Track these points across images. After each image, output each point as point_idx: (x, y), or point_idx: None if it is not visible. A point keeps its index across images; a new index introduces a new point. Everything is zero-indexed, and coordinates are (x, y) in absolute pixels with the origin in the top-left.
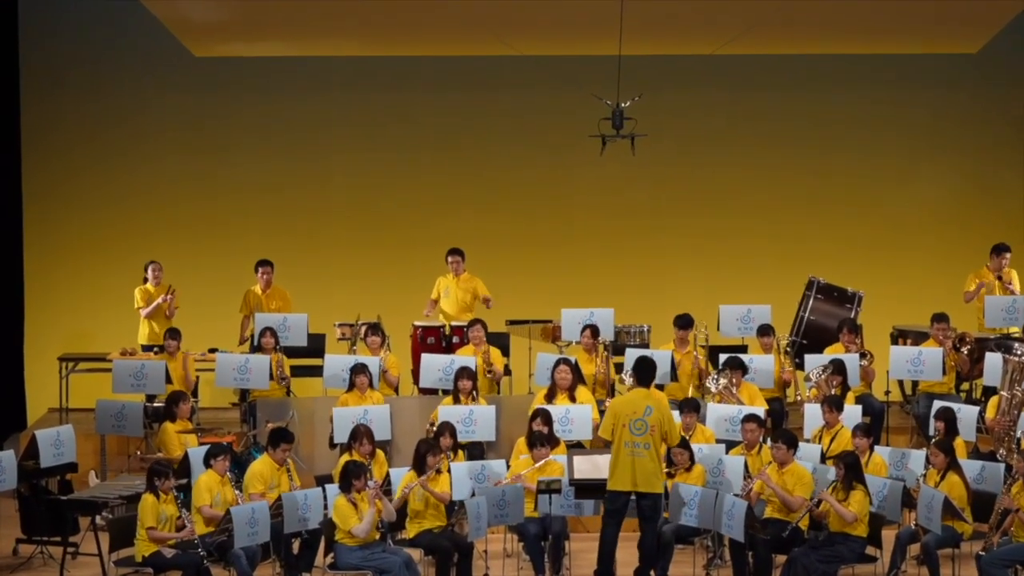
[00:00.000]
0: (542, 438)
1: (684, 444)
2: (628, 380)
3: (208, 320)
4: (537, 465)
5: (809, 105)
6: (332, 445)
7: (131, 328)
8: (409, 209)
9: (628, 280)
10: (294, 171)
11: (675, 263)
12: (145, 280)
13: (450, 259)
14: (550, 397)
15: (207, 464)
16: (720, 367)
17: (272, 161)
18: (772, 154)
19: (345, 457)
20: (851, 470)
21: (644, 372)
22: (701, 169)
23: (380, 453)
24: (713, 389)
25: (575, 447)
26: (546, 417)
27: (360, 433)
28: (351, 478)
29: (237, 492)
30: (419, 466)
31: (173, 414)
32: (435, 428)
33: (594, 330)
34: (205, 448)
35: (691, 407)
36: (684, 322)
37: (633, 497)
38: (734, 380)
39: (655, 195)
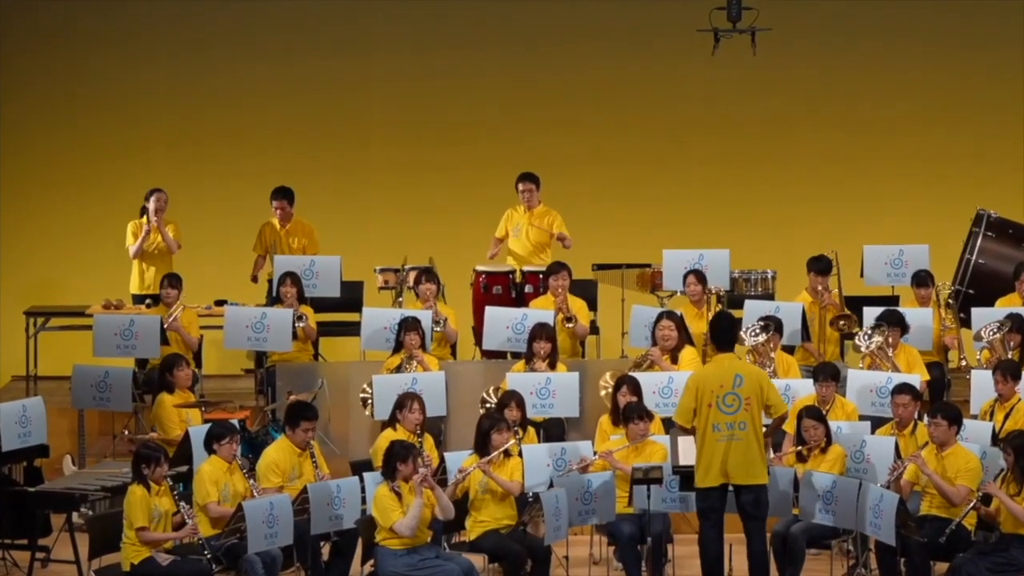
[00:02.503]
0: (638, 410)
1: (818, 416)
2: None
3: (214, 265)
4: (630, 444)
5: None
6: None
7: (118, 275)
8: (468, 123)
9: (747, 213)
10: (323, 74)
11: (807, 192)
12: (143, 213)
13: (521, 187)
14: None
15: (211, 448)
16: (875, 322)
17: (296, 62)
18: (927, 53)
19: (388, 434)
20: None
21: (723, 332)
22: (839, 73)
23: (427, 437)
24: (863, 349)
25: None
26: (634, 385)
27: (409, 399)
28: (396, 462)
29: (251, 483)
30: (482, 447)
31: (170, 383)
32: (497, 398)
33: (700, 276)
34: (210, 427)
35: (828, 374)
36: (821, 266)
37: (731, 489)
38: (891, 340)
39: (781, 107)
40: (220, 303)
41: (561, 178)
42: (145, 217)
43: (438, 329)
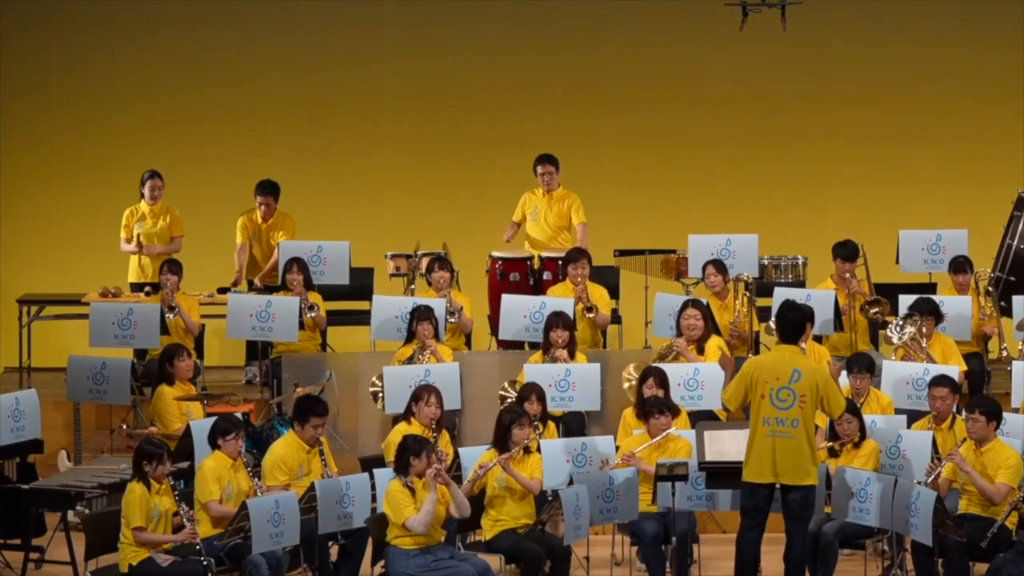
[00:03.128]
0: (659, 404)
1: (852, 409)
2: (895, 335)
3: (215, 252)
4: (655, 441)
5: None
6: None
7: (115, 261)
8: (485, 101)
9: (777, 197)
10: (329, 49)
11: (840, 173)
12: (141, 197)
13: (540, 169)
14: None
15: (215, 443)
16: (908, 311)
17: (300, 36)
18: (968, 29)
19: (402, 428)
20: None
21: (790, 323)
22: (874, 49)
23: (444, 432)
24: (895, 340)
25: (705, 418)
26: (660, 377)
27: (426, 392)
28: (409, 456)
29: (255, 481)
30: (501, 442)
31: (170, 375)
32: (516, 392)
33: (720, 266)
34: (213, 421)
35: (863, 365)
36: (847, 252)
37: (778, 487)
38: (924, 329)
39: (813, 84)
40: (223, 291)
41: (582, 159)
42: (148, 210)
43: (452, 319)
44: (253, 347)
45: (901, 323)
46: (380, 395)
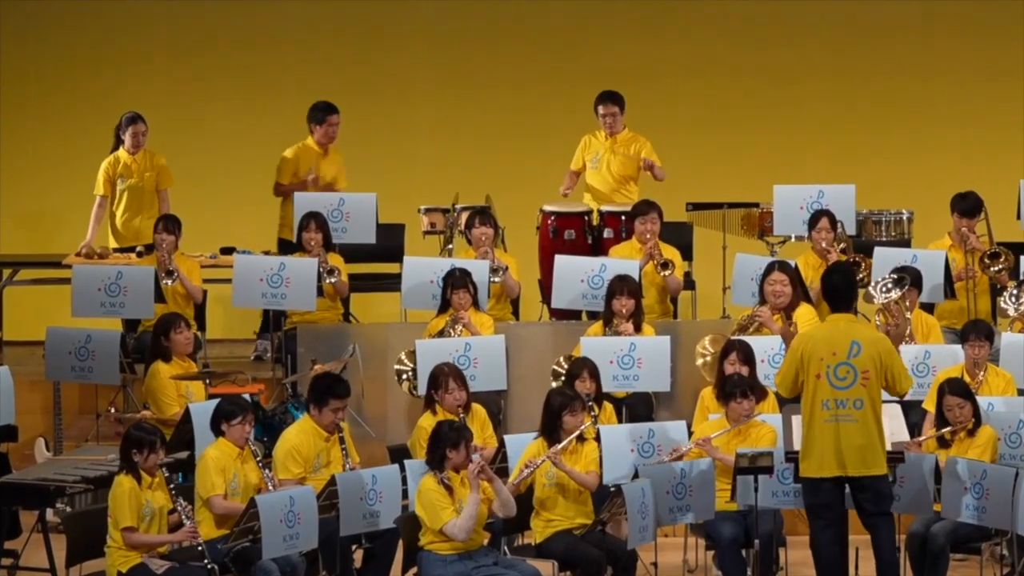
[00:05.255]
0: (741, 385)
1: (964, 392)
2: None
3: (217, 207)
4: (733, 427)
5: None
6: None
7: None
8: (535, 31)
9: (878, 141)
10: None
11: (953, 114)
12: (117, 146)
13: (601, 109)
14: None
15: (219, 430)
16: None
17: None
18: None
19: (427, 420)
20: None
21: (838, 288)
22: None
23: (479, 409)
24: (1012, 312)
25: (793, 402)
26: (745, 353)
27: (443, 376)
28: (445, 448)
29: (265, 473)
30: (550, 431)
31: (166, 350)
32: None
33: (832, 219)
34: (215, 404)
35: (982, 332)
36: (967, 205)
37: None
38: None
39: (922, 8)
40: (227, 251)
41: (650, 98)
42: (130, 158)
43: (496, 280)
44: (266, 317)
45: (1017, 291)
46: (406, 375)
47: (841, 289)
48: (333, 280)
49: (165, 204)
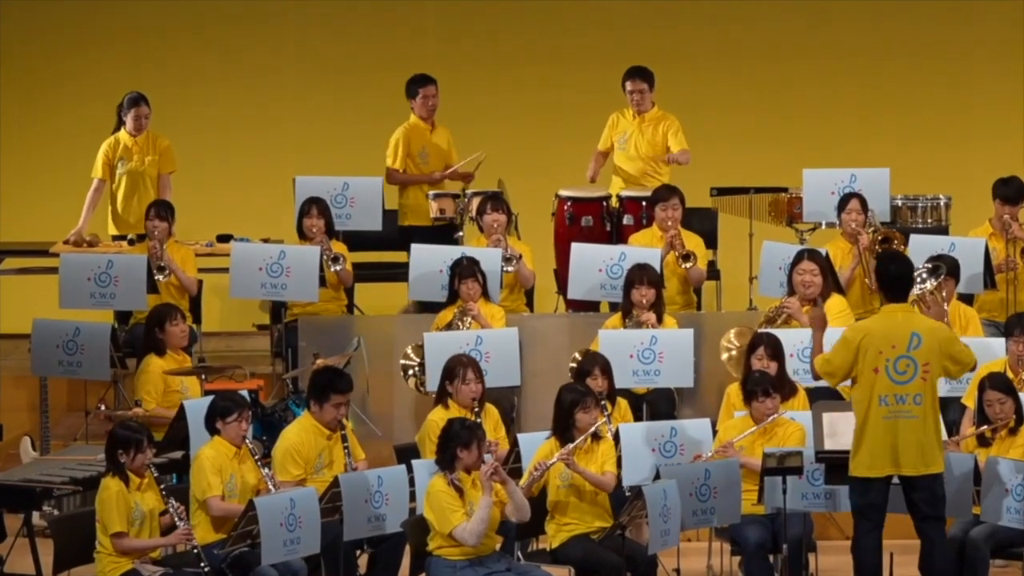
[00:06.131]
0: (763, 383)
1: (1006, 387)
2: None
3: (215, 192)
4: (759, 427)
5: None
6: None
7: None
8: (547, 9)
9: (914, 123)
10: None
11: (992, 94)
12: (119, 127)
13: (629, 85)
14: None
15: (214, 428)
16: None
17: None
18: None
19: (439, 415)
20: None
21: (894, 278)
22: None
23: (493, 410)
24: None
25: (826, 397)
26: (774, 347)
27: (460, 367)
28: (456, 447)
29: (264, 473)
30: (563, 429)
31: (159, 343)
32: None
33: (864, 202)
34: (211, 400)
35: None
36: (1010, 191)
37: (896, 481)
38: None
39: None
40: (224, 239)
41: (673, 78)
42: (131, 141)
43: (509, 269)
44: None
45: None
46: (413, 370)
47: (900, 278)
48: (338, 268)
49: (166, 190)
